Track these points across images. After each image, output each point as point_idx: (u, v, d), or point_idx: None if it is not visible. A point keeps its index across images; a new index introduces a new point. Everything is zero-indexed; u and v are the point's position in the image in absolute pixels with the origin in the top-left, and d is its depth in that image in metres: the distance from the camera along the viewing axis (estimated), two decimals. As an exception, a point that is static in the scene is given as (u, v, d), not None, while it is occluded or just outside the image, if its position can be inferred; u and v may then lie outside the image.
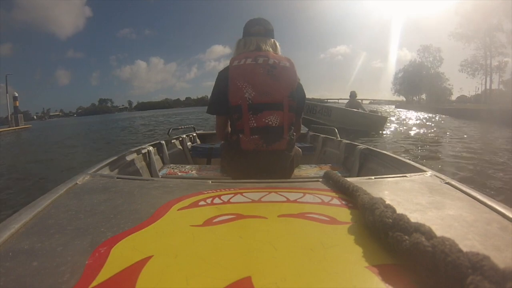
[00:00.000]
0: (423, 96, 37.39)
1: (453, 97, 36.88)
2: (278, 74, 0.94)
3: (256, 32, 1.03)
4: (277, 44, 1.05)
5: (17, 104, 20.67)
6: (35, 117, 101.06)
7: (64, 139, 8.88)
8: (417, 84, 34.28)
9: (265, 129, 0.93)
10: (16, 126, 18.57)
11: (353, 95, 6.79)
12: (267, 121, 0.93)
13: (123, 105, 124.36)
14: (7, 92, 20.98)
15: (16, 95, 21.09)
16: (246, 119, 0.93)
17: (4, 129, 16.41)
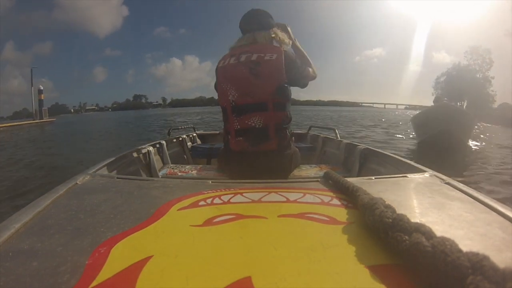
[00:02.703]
0: (465, 103, 34.08)
1: (495, 104, 31.52)
2: (261, 71, 0.89)
3: (249, 29, 1.01)
4: (278, 32, 1.00)
5: (42, 98, 20.35)
6: (72, 110, 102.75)
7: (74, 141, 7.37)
8: (462, 89, 31.35)
9: (249, 130, 0.91)
10: (40, 119, 18.82)
11: (438, 101, 5.14)
12: (250, 122, 0.91)
13: (157, 102, 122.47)
14: (32, 85, 20.69)
15: (41, 88, 20.72)
16: (231, 121, 0.93)
17: (28, 122, 16.63)
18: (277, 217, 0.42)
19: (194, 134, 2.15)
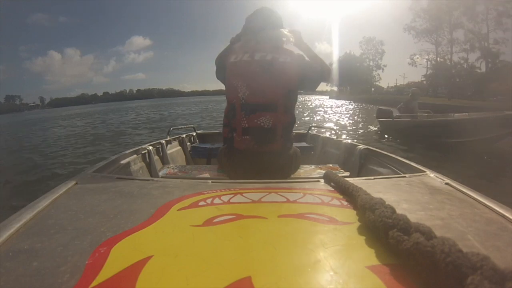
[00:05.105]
0: (348, 88, 38.45)
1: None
2: (275, 72, 0.90)
3: (257, 27, 0.98)
4: (287, 33, 0.98)
5: None
6: None
7: None
8: (351, 75, 34.77)
9: (257, 130, 0.91)
10: None
11: (415, 94, 4.92)
12: (259, 122, 0.90)
13: (34, 102, 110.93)
14: None
15: None
16: (238, 119, 0.92)
17: None
18: (277, 217, 0.42)
19: (194, 134, 2.15)
